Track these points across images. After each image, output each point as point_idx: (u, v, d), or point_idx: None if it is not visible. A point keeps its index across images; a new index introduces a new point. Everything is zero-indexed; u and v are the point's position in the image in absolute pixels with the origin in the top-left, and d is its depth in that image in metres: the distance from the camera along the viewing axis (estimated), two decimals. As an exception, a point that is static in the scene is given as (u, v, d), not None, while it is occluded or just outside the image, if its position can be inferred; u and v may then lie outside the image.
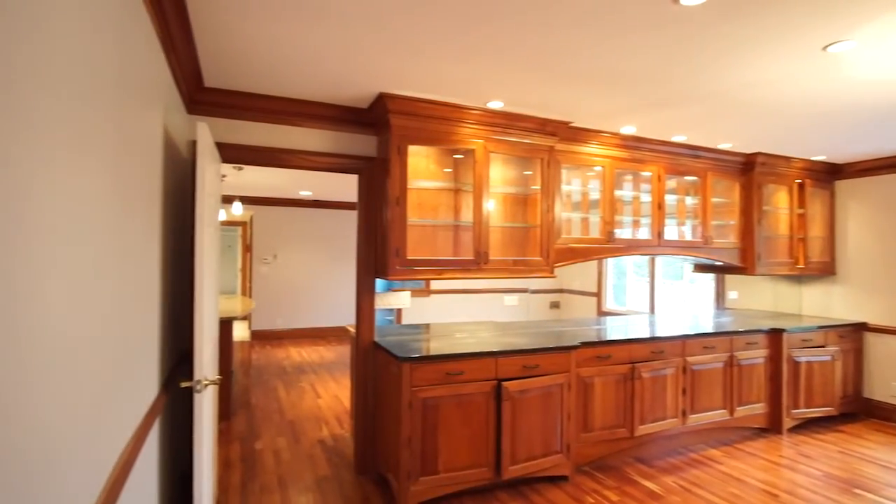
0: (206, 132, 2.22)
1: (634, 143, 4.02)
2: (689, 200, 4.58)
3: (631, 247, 4.08)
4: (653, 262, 7.28)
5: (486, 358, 3.11)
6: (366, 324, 3.42)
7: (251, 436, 4.14)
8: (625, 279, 8.15)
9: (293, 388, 5.60)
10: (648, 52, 2.45)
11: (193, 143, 3.00)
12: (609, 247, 3.94)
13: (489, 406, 3.09)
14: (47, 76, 0.91)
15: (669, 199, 4.35)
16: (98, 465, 1.27)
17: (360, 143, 3.43)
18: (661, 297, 7.29)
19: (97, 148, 1.23)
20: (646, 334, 3.88)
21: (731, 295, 5.31)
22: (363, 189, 3.45)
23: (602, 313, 8.10)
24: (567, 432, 3.33)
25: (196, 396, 2.14)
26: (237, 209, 5.83)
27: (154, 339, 2.03)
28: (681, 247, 4.32)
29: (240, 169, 5.72)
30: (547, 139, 3.59)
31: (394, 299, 3.56)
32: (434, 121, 3.22)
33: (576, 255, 3.83)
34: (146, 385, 1.90)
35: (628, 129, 3.81)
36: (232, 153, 3.10)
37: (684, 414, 3.88)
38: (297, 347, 8.13)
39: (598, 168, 4.01)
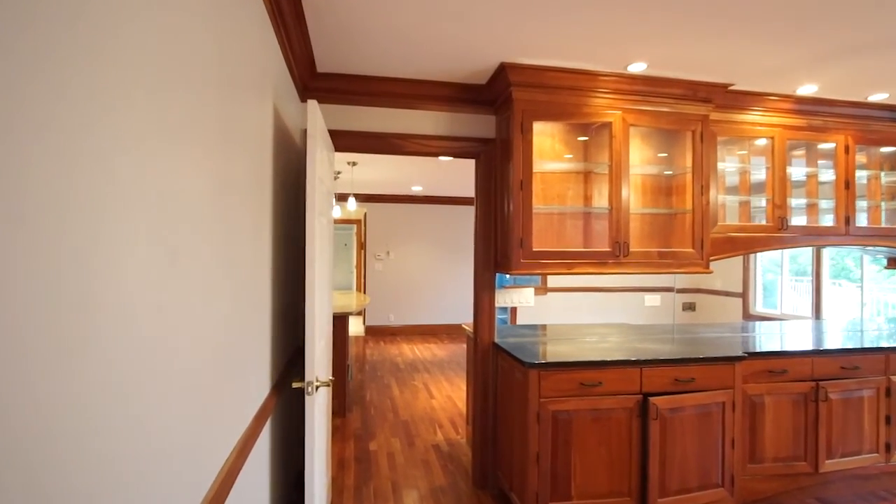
0: (316, 111, 2.03)
1: (812, 107, 3.23)
2: (885, 178, 3.63)
3: (808, 236, 3.30)
4: (818, 255, 6.10)
5: (628, 367, 2.62)
6: (485, 323, 3.10)
7: (366, 435, 4.03)
8: (775, 278, 6.98)
9: (406, 387, 5.47)
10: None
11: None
12: (780, 236, 3.21)
13: (633, 424, 2.60)
14: (122, 54, 0.68)
15: (859, 176, 3.47)
16: (201, 469, 1.06)
17: (478, 124, 3.11)
18: (828, 300, 6.09)
19: (194, 138, 1.03)
20: (833, 345, 3.10)
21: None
22: (481, 175, 3.12)
23: (749, 317, 7.01)
24: (730, 462, 2.72)
25: (307, 399, 1.95)
26: (351, 205, 5.85)
27: (264, 337, 1.87)
28: (878, 235, 3.42)
29: (353, 164, 5.72)
30: (699, 107, 2.99)
31: (516, 296, 3.19)
32: (563, 92, 2.79)
33: (736, 246, 3.17)
34: (256, 385, 1.73)
35: (807, 89, 3.05)
36: (345, 141, 2.94)
37: (888, 449, 3.03)
38: (410, 344, 8.10)
39: (763, 141, 3.30)
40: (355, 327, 9.28)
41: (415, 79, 2.94)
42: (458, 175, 6.67)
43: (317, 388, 2.00)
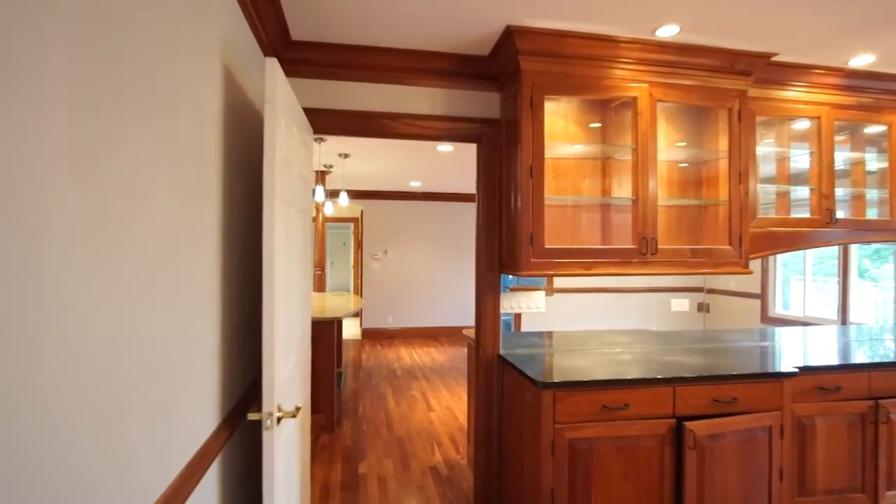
0: (276, 71, 1.62)
1: (863, 82, 2.82)
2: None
3: (859, 231, 2.88)
4: (845, 254, 5.68)
5: (658, 386, 2.21)
6: (488, 332, 2.69)
7: (355, 454, 3.62)
8: (785, 277, 6.57)
9: (403, 397, 5.06)
10: None
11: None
12: (827, 231, 2.80)
13: (665, 454, 2.19)
14: None
15: (913, 164, 3.05)
16: None
17: (480, 103, 2.70)
18: (855, 303, 5.67)
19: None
20: (892, 356, 2.68)
21: None
22: (483, 161, 2.71)
23: (768, 320, 6.59)
24: (778, 496, 2.31)
25: (265, 435, 1.54)
26: (343, 200, 5.45)
27: (207, 358, 1.47)
28: (938, 230, 3.00)
29: (346, 156, 5.32)
30: (736, 81, 2.57)
31: (524, 300, 2.79)
32: (579, 62, 2.38)
33: (777, 242, 2.75)
34: (192, 420, 1.32)
35: (862, 60, 2.64)
36: (326, 121, 2.54)
37: (957, 477, 2.62)
38: (408, 348, 7.69)
39: (806, 123, 2.88)
40: (352, 330, 8.88)
41: (406, 49, 2.53)
42: (459, 169, 6.27)
43: (279, 419, 1.59)
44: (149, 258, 1.06)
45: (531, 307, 2.79)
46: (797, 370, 2.36)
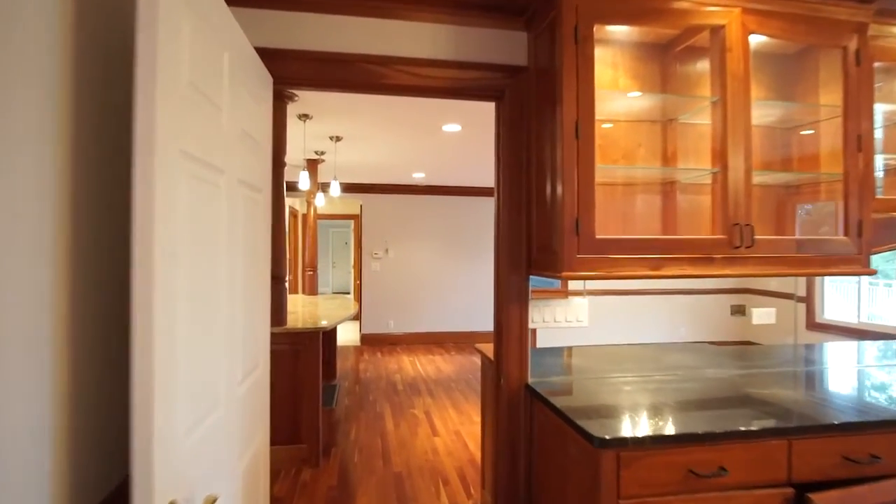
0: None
1: None
2: None
3: None
4: (911, 252, 4.95)
5: (766, 439, 1.51)
6: (513, 353, 1.99)
7: (342, 498, 2.94)
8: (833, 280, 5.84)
9: (403, 417, 4.38)
10: None
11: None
12: (969, 217, 2.09)
13: (778, 542, 1.49)
14: None
15: None
16: None
17: (500, 44, 2.01)
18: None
19: None
20: None
21: None
22: (505, 125, 2.02)
23: (815, 326, 5.84)
24: None
25: (138, 567, 0.86)
26: (335, 190, 4.77)
27: (27, 430, 0.79)
28: None
29: (338, 140, 4.64)
30: (854, 10, 1.87)
31: (560, 311, 2.11)
32: (641, -23, 1.69)
33: (901, 232, 2.06)
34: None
35: None
36: (293, 67, 1.85)
37: None
38: (411, 356, 7.01)
39: (929, 74, 2.18)
40: (350, 335, 8.21)
41: (400, -33, 1.84)
42: (466, 156, 5.58)
43: (168, 532, 0.91)
44: None
45: (570, 320, 2.11)
46: (959, 413, 1.66)
